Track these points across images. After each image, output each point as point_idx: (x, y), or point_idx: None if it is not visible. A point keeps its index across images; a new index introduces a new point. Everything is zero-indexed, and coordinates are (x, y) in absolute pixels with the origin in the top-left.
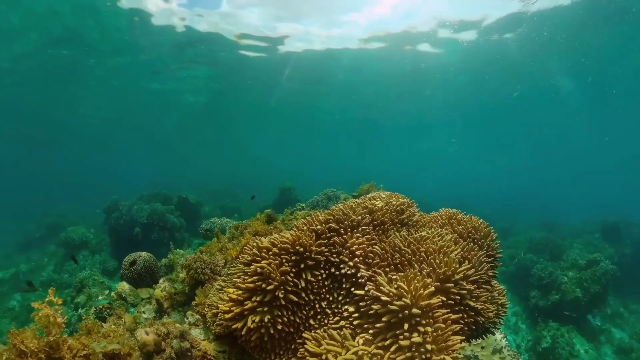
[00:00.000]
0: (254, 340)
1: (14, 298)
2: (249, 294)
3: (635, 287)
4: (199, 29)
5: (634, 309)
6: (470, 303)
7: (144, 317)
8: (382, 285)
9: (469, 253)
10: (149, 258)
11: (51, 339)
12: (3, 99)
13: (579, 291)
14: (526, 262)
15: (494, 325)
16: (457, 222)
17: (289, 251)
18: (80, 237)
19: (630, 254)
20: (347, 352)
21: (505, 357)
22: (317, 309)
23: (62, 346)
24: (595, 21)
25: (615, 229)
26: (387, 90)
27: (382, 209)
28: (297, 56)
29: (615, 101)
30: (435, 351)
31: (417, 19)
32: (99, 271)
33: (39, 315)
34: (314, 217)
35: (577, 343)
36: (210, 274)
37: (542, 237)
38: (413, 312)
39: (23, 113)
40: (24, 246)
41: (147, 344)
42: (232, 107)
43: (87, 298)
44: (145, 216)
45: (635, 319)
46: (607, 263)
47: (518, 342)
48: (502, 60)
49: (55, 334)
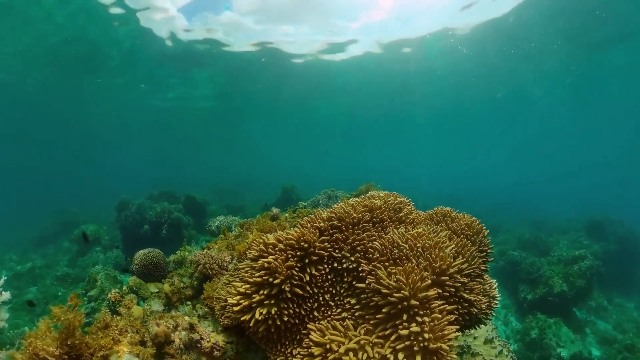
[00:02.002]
0: (261, 331)
1: (30, 291)
2: (257, 287)
3: (618, 281)
4: (202, 37)
5: (617, 302)
6: (464, 295)
7: (154, 310)
8: (382, 279)
9: (463, 248)
10: (156, 254)
11: (69, 342)
12: (18, 106)
13: (566, 285)
14: (515, 257)
15: (486, 316)
16: (451, 220)
17: (294, 247)
18: (93, 234)
19: (613, 250)
20: (350, 341)
21: (496, 347)
22: (321, 302)
23: (82, 345)
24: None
25: (600, 227)
26: (382, 95)
27: (380, 207)
28: (300, 62)
29: (596, 102)
30: (432, 340)
31: (408, 28)
32: (111, 266)
33: (60, 318)
34: (317, 215)
35: (564, 334)
36: (218, 269)
37: (531, 234)
38: (411, 304)
39: (40, 118)
40: (40, 242)
41: (158, 335)
42: (237, 110)
43: (99, 291)
44: (154, 214)
45: (618, 312)
46: (592, 259)
47: (508, 333)
48: (484, 64)
49: (77, 335)
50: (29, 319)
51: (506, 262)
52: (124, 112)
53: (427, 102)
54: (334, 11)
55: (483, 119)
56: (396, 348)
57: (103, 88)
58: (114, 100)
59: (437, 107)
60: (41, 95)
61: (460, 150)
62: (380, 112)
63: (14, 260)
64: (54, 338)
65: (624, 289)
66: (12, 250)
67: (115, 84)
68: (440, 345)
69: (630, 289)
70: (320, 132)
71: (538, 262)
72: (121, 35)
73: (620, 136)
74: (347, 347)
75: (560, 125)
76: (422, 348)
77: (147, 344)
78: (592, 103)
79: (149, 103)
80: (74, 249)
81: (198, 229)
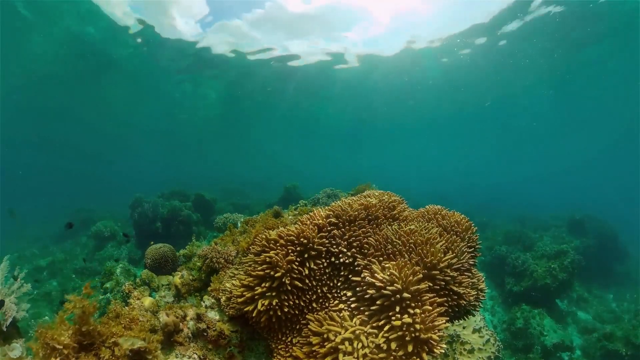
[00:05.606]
0: (264, 321)
1: (50, 284)
2: (259, 280)
3: (597, 274)
4: (213, 44)
5: (596, 294)
6: (453, 288)
7: (164, 301)
8: (376, 273)
9: (452, 244)
10: (167, 249)
11: (84, 329)
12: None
13: (549, 278)
14: (502, 252)
15: (474, 308)
16: (442, 217)
17: (294, 243)
18: (109, 230)
19: (593, 246)
20: (346, 331)
21: (484, 336)
22: (319, 294)
23: (94, 333)
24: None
25: (580, 224)
26: (379, 100)
27: (375, 205)
28: (302, 69)
29: (579, 106)
30: (423, 330)
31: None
32: (125, 260)
33: (74, 306)
34: (316, 212)
35: (547, 324)
36: (224, 262)
37: (516, 230)
38: (404, 296)
39: (61, 123)
40: (59, 238)
41: (167, 325)
42: (244, 116)
43: (115, 283)
44: (165, 212)
45: (597, 303)
46: (573, 253)
47: (495, 323)
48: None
49: (91, 322)
50: (50, 309)
51: (493, 257)
52: (139, 117)
53: (421, 108)
54: (335, 24)
55: (472, 124)
56: (389, 338)
57: (119, 95)
58: (130, 106)
59: (430, 113)
60: (62, 102)
61: (451, 153)
62: (378, 116)
63: (36, 255)
64: (67, 327)
65: (602, 282)
66: (34, 246)
67: (131, 92)
68: (430, 336)
69: (608, 282)
70: (320, 135)
71: (523, 257)
72: (136, 45)
73: (599, 140)
74: (343, 337)
75: (544, 130)
76: (414, 338)
77: (157, 332)
78: (572, 109)
79: (162, 108)
80: (91, 244)
81: (206, 225)
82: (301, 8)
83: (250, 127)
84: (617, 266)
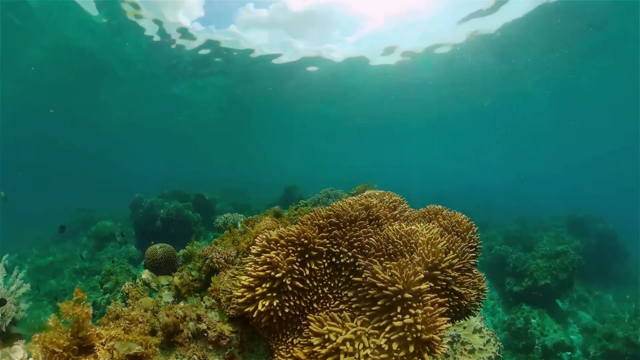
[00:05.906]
0: (264, 322)
1: (50, 284)
2: (260, 281)
3: (597, 274)
4: (214, 44)
5: (597, 294)
6: (455, 288)
7: (164, 302)
8: (377, 273)
9: (454, 244)
10: (167, 249)
11: (81, 334)
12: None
13: (549, 278)
14: (502, 252)
15: (475, 308)
16: (443, 217)
17: (294, 243)
18: (109, 230)
19: (593, 246)
20: (347, 332)
21: (484, 336)
22: (320, 294)
23: (92, 336)
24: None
25: (581, 223)
26: (380, 102)
27: (376, 205)
28: (302, 68)
29: (579, 105)
30: (424, 331)
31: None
32: (125, 260)
33: (69, 313)
34: (317, 212)
35: (547, 324)
36: (224, 263)
37: (516, 230)
38: (405, 297)
39: (61, 124)
40: (59, 238)
41: (168, 325)
42: (245, 117)
43: (114, 284)
44: (165, 212)
45: (598, 303)
46: (573, 253)
47: (495, 323)
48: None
49: (87, 327)
50: (50, 310)
51: (494, 257)
52: (139, 117)
53: (421, 109)
54: (335, 25)
55: (473, 124)
56: (391, 338)
57: (120, 96)
58: (130, 106)
59: (430, 113)
60: (63, 103)
61: (451, 153)
62: (378, 117)
63: (36, 255)
64: (64, 331)
65: (603, 282)
66: (34, 246)
67: (131, 93)
68: (432, 336)
69: (608, 282)
70: (321, 136)
71: (523, 257)
72: (137, 47)
73: (599, 140)
74: (344, 337)
75: (545, 131)
76: (415, 338)
77: (157, 333)
78: (573, 110)
79: (163, 109)
80: (91, 243)
81: (206, 225)
82: (301, 7)
83: (250, 127)
84: (617, 266)
